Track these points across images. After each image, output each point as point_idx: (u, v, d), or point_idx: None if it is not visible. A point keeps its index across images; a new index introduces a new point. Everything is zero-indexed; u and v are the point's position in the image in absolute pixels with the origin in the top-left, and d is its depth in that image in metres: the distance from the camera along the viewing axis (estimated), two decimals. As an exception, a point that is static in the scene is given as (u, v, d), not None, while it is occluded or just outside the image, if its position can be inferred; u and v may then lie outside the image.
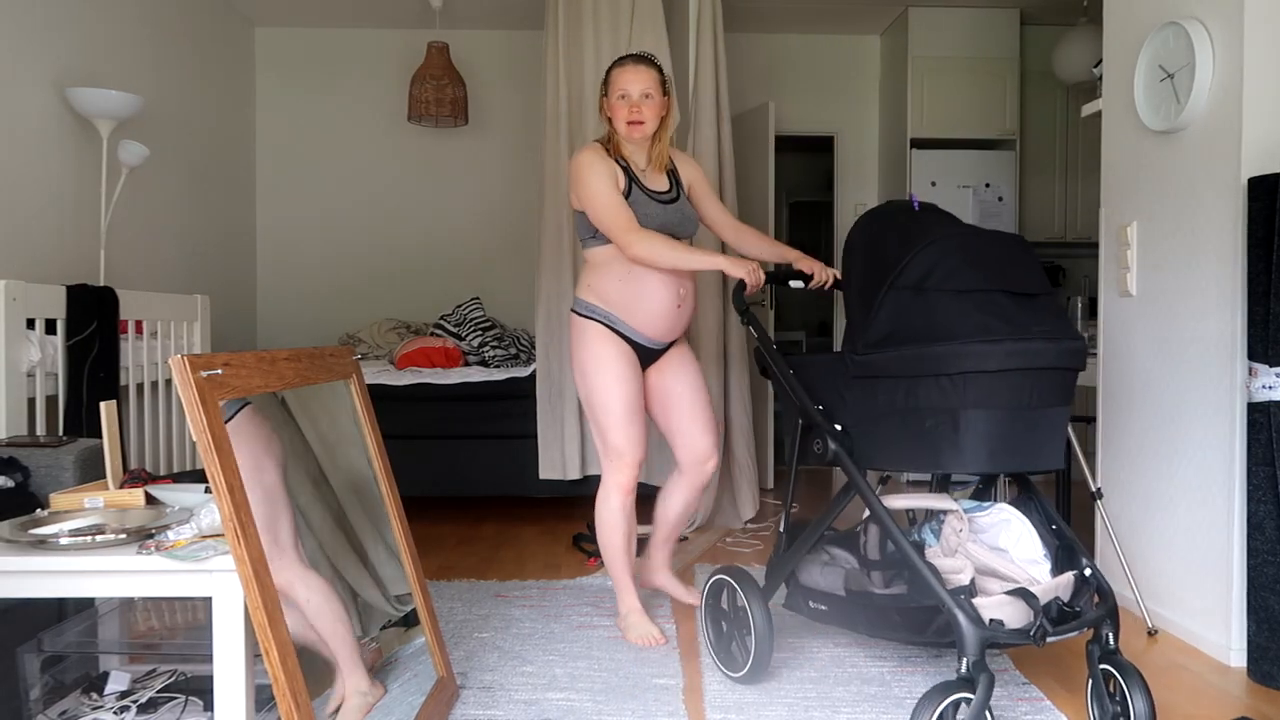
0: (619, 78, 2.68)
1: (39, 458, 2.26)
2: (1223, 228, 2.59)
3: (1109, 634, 2.00)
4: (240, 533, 1.52)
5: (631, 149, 2.73)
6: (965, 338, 1.90)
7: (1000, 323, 1.92)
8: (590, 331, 2.70)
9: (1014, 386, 1.91)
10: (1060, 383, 1.97)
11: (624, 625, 2.76)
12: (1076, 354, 1.95)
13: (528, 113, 5.82)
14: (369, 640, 2.48)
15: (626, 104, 2.66)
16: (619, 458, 2.72)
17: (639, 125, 2.66)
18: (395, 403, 4.23)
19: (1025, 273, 2.00)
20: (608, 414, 2.69)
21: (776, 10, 5.58)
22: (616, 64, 2.72)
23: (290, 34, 5.89)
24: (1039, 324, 1.94)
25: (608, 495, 2.77)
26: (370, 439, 2.23)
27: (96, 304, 3.06)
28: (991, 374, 1.90)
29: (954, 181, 5.59)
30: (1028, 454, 1.95)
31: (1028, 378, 1.91)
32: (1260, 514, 2.40)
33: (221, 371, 1.61)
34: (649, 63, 2.71)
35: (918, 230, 2.06)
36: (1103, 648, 2.00)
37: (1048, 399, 1.95)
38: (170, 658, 2.15)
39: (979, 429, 1.92)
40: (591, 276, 2.74)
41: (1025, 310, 1.96)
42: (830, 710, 2.23)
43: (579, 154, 2.71)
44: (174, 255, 4.81)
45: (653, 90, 2.68)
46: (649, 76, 2.68)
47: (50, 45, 3.74)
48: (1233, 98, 2.54)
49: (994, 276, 1.97)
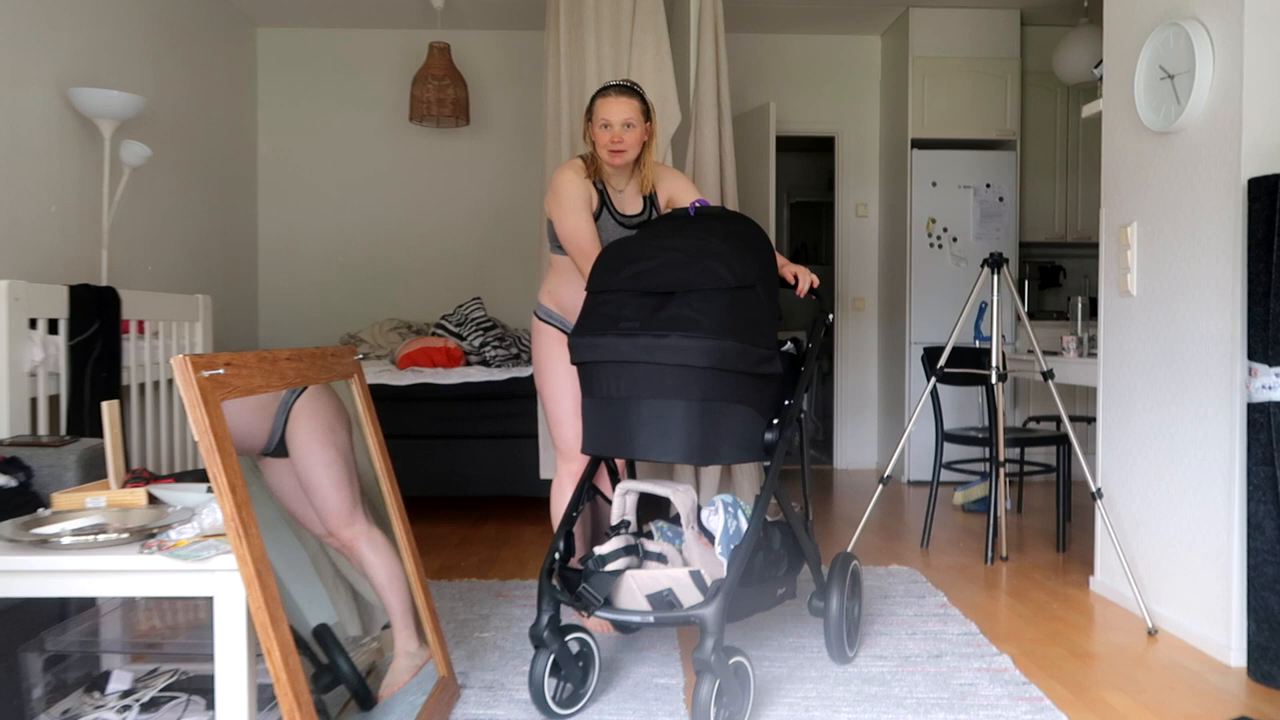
0: (601, 107, 2.75)
1: (41, 457, 2.27)
2: (1223, 228, 2.59)
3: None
4: (242, 532, 1.52)
5: (611, 172, 2.82)
6: (577, 334, 2.19)
7: (607, 321, 2.16)
8: (547, 335, 2.88)
9: (601, 377, 2.18)
10: (654, 376, 2.10)
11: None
12: (664, 349, 2.08)
13: (529, 113, 5.83)
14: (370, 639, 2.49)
15: (609, 133, 2.74)
16: (568, 450, 2.88)
17: (620, 154, 2.75)
18: (396, 403, 4.23)
19: (670, 274, 2.17)
20: (559, 411, 2.86)
21: (777, 10, 5.58)
22: (600, 93, 2.79)
23: (292, 34, 5.89)
24: (655, 321, 2.10)
25: (561, 484, 2.91)
26: (371, 439, 2.24)
27: (98, 304, 3.06)
28: (586, 365, 2.20)
29: (954, 182, 5.60)
30: (621, 442, 2.18)
31: (612, 370, 2.15)
32: (1260, 514, 2.40)
33: (223, 371, 1.61)
34: (630, 92, 2.78)
35: (635, 239, 2.33)
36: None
37: (639, 390, 2.12)
38: (172, 657, 2.15)
39: (586, 415, 2.26)
40: (553, 283, 2.90)
41: (649, 308, 2.15)
42: (830, 710, 2.23)
43: (560, 170, 2.81)
44: (176, 255, 4.82)
45: (634, 119, 2.75)
46: (630, 106, 2.75)
47: (53, 46, 3.75)
48: (1233, 99, 2.54)
49: (631, 279, 2.20)
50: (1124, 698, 2.33)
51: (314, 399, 2.09)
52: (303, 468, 2.11)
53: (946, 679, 2.42)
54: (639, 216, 2.86)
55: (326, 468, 2.12)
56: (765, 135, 5.12)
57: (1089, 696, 2.33)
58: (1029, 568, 3.58)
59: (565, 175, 2.79)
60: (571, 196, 2.75)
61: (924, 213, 5.60)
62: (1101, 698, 2.33)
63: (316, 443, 2.11)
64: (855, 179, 6.16)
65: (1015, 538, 4.07)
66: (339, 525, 2.17)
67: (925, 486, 5.37)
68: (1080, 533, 4.08)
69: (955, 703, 2.27)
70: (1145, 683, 2.43)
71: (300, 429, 2.09)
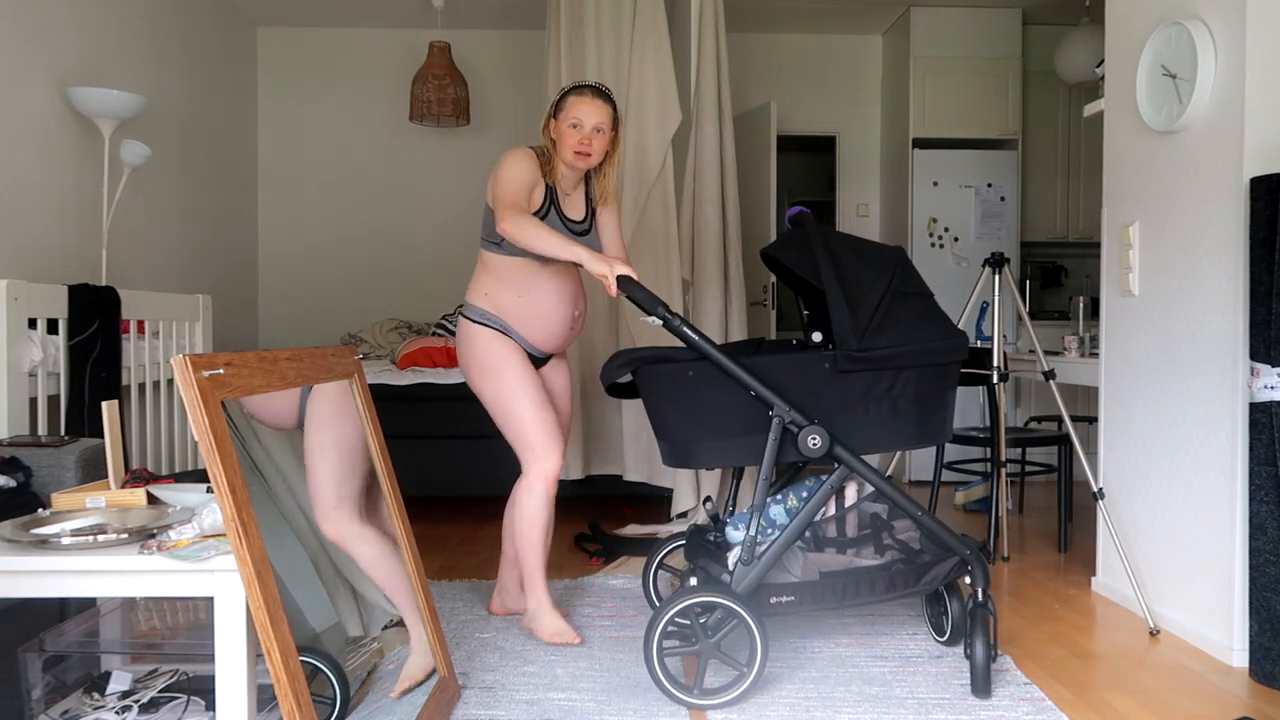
0: (575, 106, 2.65)
1: (41, 457, 2.27)
2: (1225, 228, 2.59)
3: None
4: (242, 532, 1.52)
5: (564, 173, 2.72)
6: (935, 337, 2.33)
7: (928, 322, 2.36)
8: (486, 337, 2.70)
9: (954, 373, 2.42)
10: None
11: (533, 623, 2.71)
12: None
13: (529, 112, 5.82)
14: (370, 640, 2.49)
15: (577, 134, 2.64)
16: (543, 449, 2.69)
17: (585, 157, 2.65)
18: (397, 402, 4.23)
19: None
20: (522, 413, 2.67)
21: (778, 10, 5.58)
22: (575, 91, 2.68)
23: (292, 34, 5.89)
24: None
25: (532, 486, 2.70)
26: (372, 439, 2.24)
27: (98, 304, 3.06)
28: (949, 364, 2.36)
29: (956, 181, 5.59)
30: None
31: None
32: (1262, 514, 2.39)
33: (223, 371, 1.61)
34: (606, 98, 2.69)
35: (863, 244, 2.40)
36: None
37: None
38: (172, 657, 2.15)
39: (950, 406, 2.42)
40: (490, 284, 2.73)
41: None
42: (831, 710, 2.23)
43: (513, 150, 2.69)
44: (176, 255, 4.81)
45: (605, 125, 2.66)
46: (605, 112, 2.66)
47: (53, 45, 3.75)
48: (1235, 98, 2.54)
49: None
50: (1125, 698, 2.33)
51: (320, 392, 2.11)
52: (306, 449, 2.12)
53: (948, 679, 2.41)
54: (582, 224, 2.77)
55: (323, 454, 2.12)
56: (766, 135, 5.12)
57: (1090, 697, 2.33)
58: (1030, 568, 3.57)
59: (519, 153, 2.66)
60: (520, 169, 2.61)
61: (925, 213, 5.60)
62: (1103, 698, 2.32)
63: (326, 427, 2.13)
64: (856, 179, 6.16)
65: (1016, 538, 4.07)
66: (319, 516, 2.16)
67: (926, 486, 5.37)
68: (1082, 533, 4.08)
69: (956, 703, 2.26)
70: (1147, 683, 2.43)
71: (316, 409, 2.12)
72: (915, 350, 2.28)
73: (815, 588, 2.32)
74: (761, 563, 2.27)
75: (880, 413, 2.30)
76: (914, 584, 2.37)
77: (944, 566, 2.39)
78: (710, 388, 2.26)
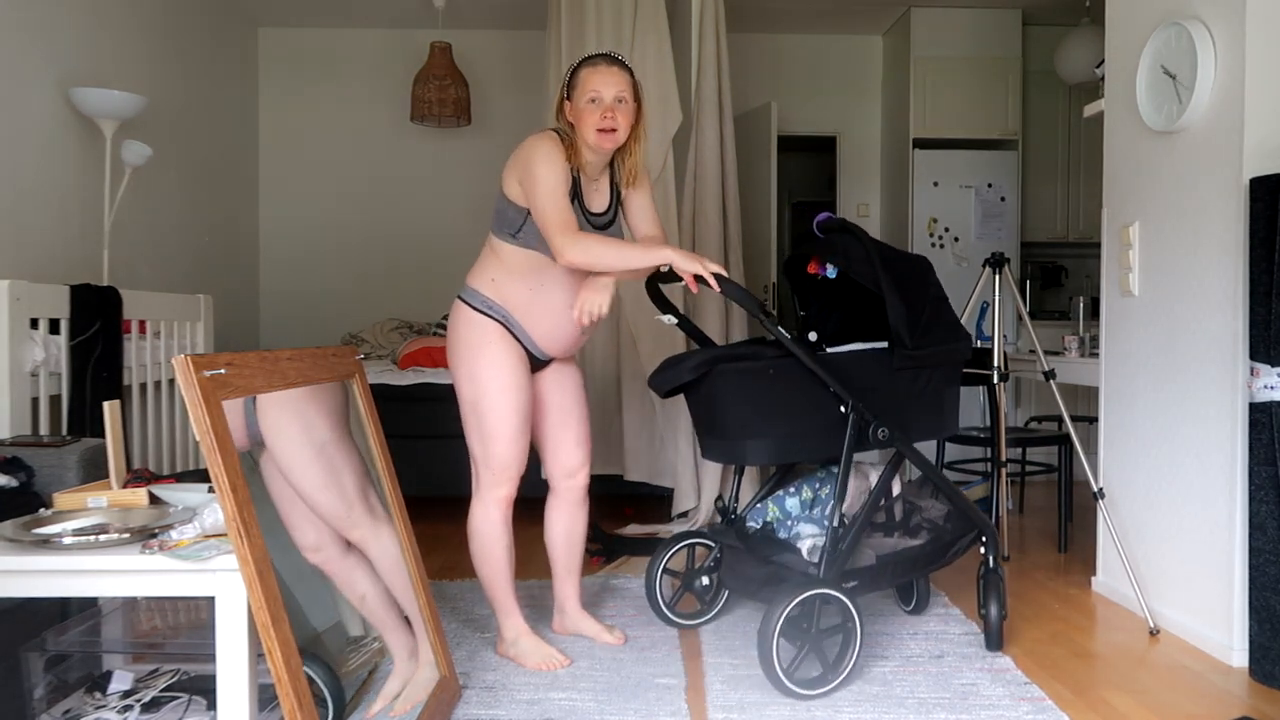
0: (589, 78, 2.34)
1: (42, 457, 2.27)
2: (1224, 228, 2.59)
3: None
4: (243, 532, 1.52)
5: (589, 158, 2.40)
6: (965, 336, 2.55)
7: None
8: (487, 330, 2.41)
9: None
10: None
11: (515, 652, 2.52)
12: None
13: (530, 113, 5.82)
14: (371, 639, 2.49)
15: (598, 109, 2.32)
16: (504, 470, 2.44)
17: (610, 134, 2.33)
18: (398, 402, 4.23)
19: None
20: (500, 424, 2.41)
21: (779, 10, 5.58)
22: (585, 63, 2.38)
23: (293, 34, 5.89)
24: None
25: (487, 509, 2.47)
26: (373, 439, 2.24)
27: (100, 304, 3.06)
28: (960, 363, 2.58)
29: (956, 182, 5.59)
30: None
31: None
32: (1262, 514, 2.40)
33: (224, 371, 1.61)
34: (622, 64, 2.38)
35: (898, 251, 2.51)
36: None
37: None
38: (173, 657, 2.15)
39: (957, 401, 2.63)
40: (498, 272, 2.43)
41: None
42: (832, 710, 2.23)
43: (539, 138, 2.36)
44: (177, 255, 4.82)
45: (626, 95, 2.35)
46: (623, 79, 2.36)
47: (54, 46, 3.75)
48: (1234, 98, 2.54)
49: None
50: (1126, 698, 2.33)
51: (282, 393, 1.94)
52: (283, 470, 2.07)
53: (948, 679, 2.42)
54: (604, 215, 2.47)
55: (304, 469, 2.05)
56: (766, 135, 5.12)
57: (1091, 696, 2.33)
58: (1030, 568, 3.57)
59: (547, 145, 2.32)
60: (555, 168, 2.29)
61: (925, 213, 5.60)
62: (1103, 698, 2.32)
63: (291, 441, 2.04)
64: (856, 179, 6.16)
65: (1017, 538, 4.07)
66: (343, 529, 2.14)
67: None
68: (1082, 533, 4.08)
69: (957, 703, 2.27)
70: (1147, 683, 2.43)
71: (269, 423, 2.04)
72: (948, 350, 2.48)
73: (874, 571, 2.45)
74: (843, 552, 2.36)
75: (918, 406, 2.48)
76: (944, 557, 2.57)
77: (965, 540, 2.61)
78: (785, 385, 2.35)
